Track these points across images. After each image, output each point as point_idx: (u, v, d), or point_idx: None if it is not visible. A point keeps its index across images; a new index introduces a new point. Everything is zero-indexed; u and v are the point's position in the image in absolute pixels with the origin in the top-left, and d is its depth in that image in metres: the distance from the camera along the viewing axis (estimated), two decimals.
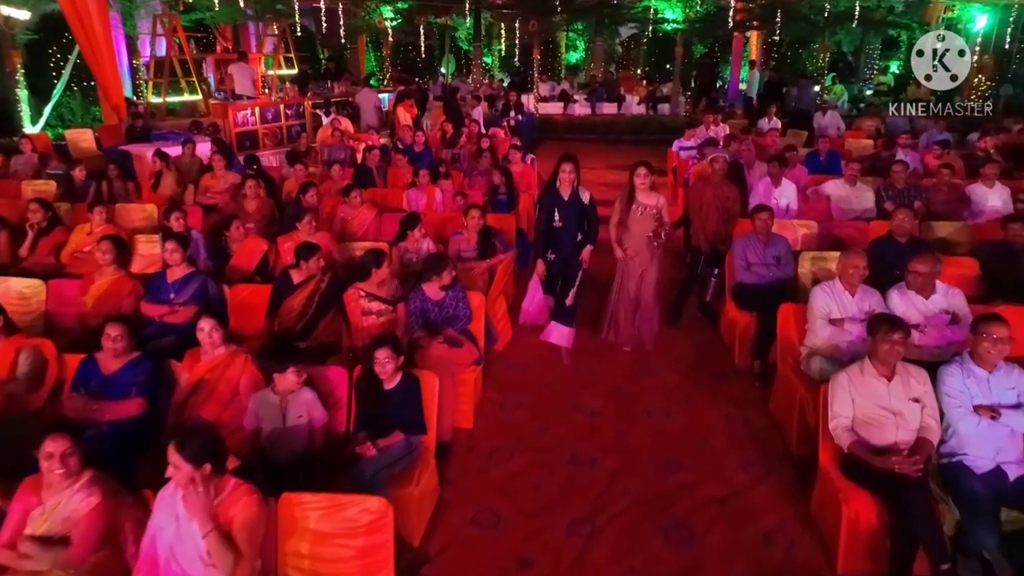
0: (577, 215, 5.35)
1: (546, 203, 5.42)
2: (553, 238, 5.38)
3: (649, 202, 5.31)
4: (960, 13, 16.73)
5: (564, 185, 5.32)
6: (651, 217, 5.32)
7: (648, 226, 5.33)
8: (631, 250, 5.36)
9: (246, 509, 2.46)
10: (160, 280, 4.75)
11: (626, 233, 5.39)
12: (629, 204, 5.35)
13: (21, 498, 2.60)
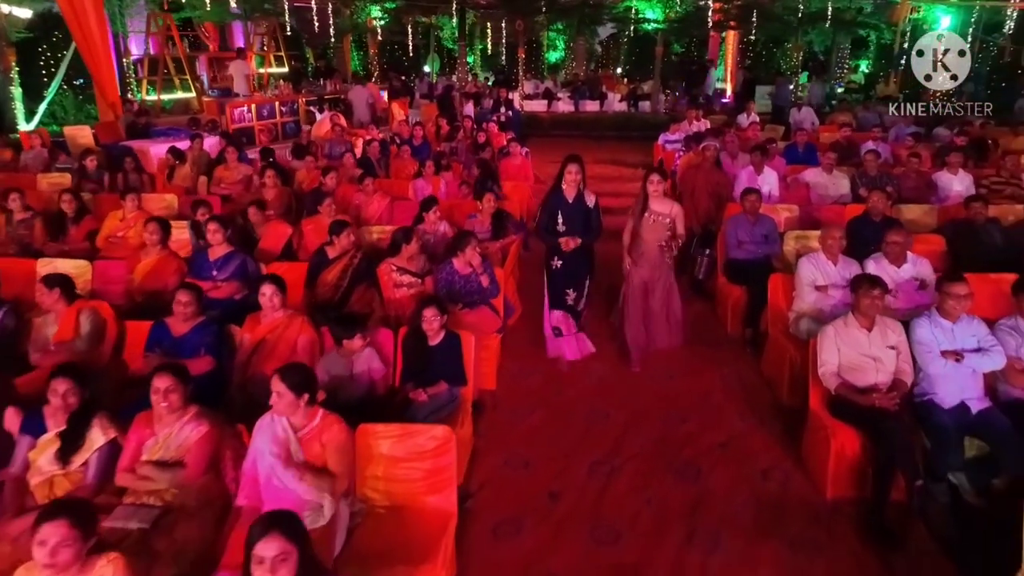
0: (582, 218, 5.15)
1: (550, 205, 5.22)
2: (559, 244, 5.14)
3: (662, 210, 5.09)
4: (925, 14, 17.50)
5: (569, 186, 5.15)
6: (664, 225, 5.09)
7: (661, 234, 5.10)
8: (643, 258, 5.14)
9: (337, 435, 2.90)
10: (203, 258, 5.14)
11: (638, 241, 5.15)
12: (642, 212, 5.10)
13: (136, 430, 3.01)
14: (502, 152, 9.53)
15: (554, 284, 5.33)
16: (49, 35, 13.99)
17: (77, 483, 2.98)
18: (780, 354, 4.92)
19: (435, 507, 3.07)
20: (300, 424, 2.93)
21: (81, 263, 5.39)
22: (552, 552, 3.45)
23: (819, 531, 3.65)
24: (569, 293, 5.30)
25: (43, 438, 3.02)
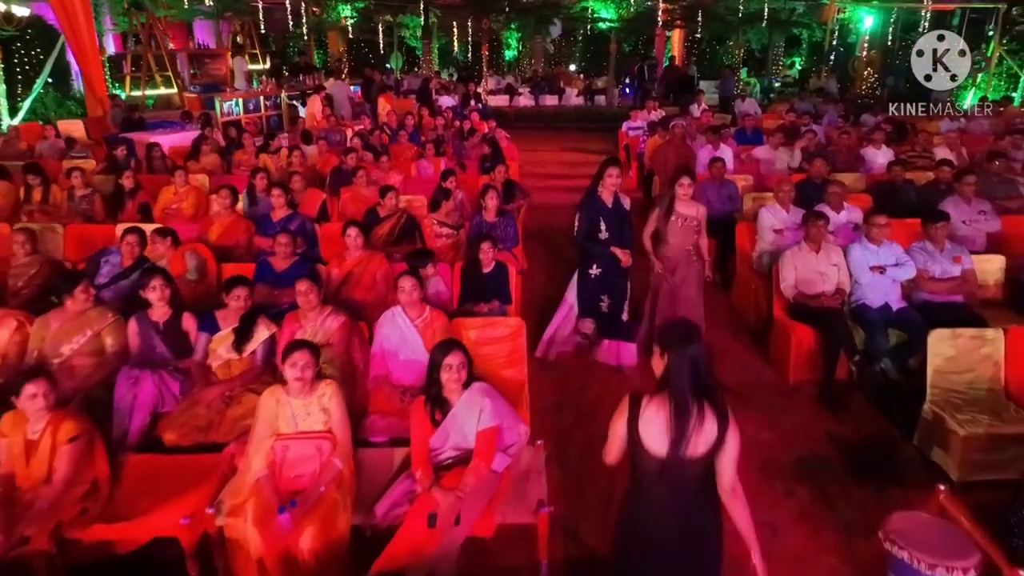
0: (620, 222, 5.07)
1: (589, 212, 5.07)
2: (598, 251, 5.07)
3: (689, 212, 5.03)
4: (851, 14, 19.27)
5: (607, 191, 5.05)
6: (691, 229, 5.04)
7: (689, 238, 5.05)
8: (670, 263, 5.08)
9: (444, 322, 3.98)
10: (267, 220, 6.07)
11: (664, 245, 5.08)
12: (668, 215, 5.03)
13: (288, 325, 3.99)
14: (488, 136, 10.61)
15: (588, 290, 5.19)
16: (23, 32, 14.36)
17: (248, 365, 3.95)
18: (747, 286, 6.15)
19: (512, 377, 4.14)
20: (415, 316, 3.97)
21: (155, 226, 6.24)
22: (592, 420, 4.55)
23: (786, 402, 4.89)
24: (603, 300, 5.19)
25: (220, 334, 3.98)
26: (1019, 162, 7.76)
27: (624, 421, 2.32)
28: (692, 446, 2.22)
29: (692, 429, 2.21)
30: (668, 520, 2.32)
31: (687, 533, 2.32)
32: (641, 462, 2.30)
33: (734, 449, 2.30)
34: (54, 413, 3.06)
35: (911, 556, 2.86)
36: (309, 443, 3.12)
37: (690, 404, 2.22)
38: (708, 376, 2.26)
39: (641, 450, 2.28)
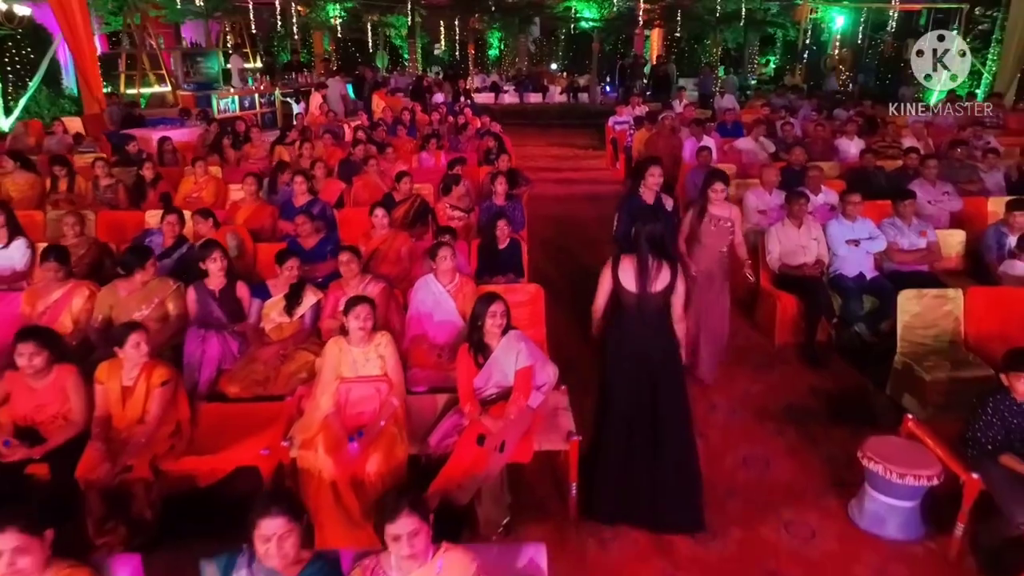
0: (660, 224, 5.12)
1: (628, 211, 4.98)
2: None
3: (723, 214, 4.99)
4: (823, 14, 20.06)
5: (649, 191, 4.99)
6: (726, 230, 4.98)
7: (723, 240, 4.99)
8: (703, 266, 4.99)
9: (473, 288, 4.44)
10: (290, 205, 6.50)
11: (698, 247, 5.02)
12: (700, 217, 5.00)
13: (332, 292, 4.45)
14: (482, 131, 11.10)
15: None
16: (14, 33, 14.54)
17: (297, 328, 4.40)
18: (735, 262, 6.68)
19: (532, 337, 4.60)
20: (447, 282, 4.45)
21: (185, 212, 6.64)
22: None
23: (773, 361, 5.45)
24: None
25: (271, 300, 4.43)
26: (979, 150, 8.39)
27: (609, 272, 3.55)
28: (652, 285, 3.44)
29: (651, 275, 3.42)
30: (640, 332, 3.50)
31: (651, 339, 3.51)
32: (622, 298, 3.51)
33: (681, 291, 3.53)
34: (147, 361, 3.49)
35: (884, 468, 3.41)
36: (368, 385, 3.58)
37: (648, 259, 3.43)
38: (662, 244, 3.50)
39: (621, 289, 3.50)
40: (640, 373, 3.46)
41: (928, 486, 3.39)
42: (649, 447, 3.44)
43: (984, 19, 16.89)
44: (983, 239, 5.71)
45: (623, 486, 3.50)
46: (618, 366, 3.52)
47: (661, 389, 3.46)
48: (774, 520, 3.68)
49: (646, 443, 3.45)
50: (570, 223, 8.98)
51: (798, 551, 3.47)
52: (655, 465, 3.44)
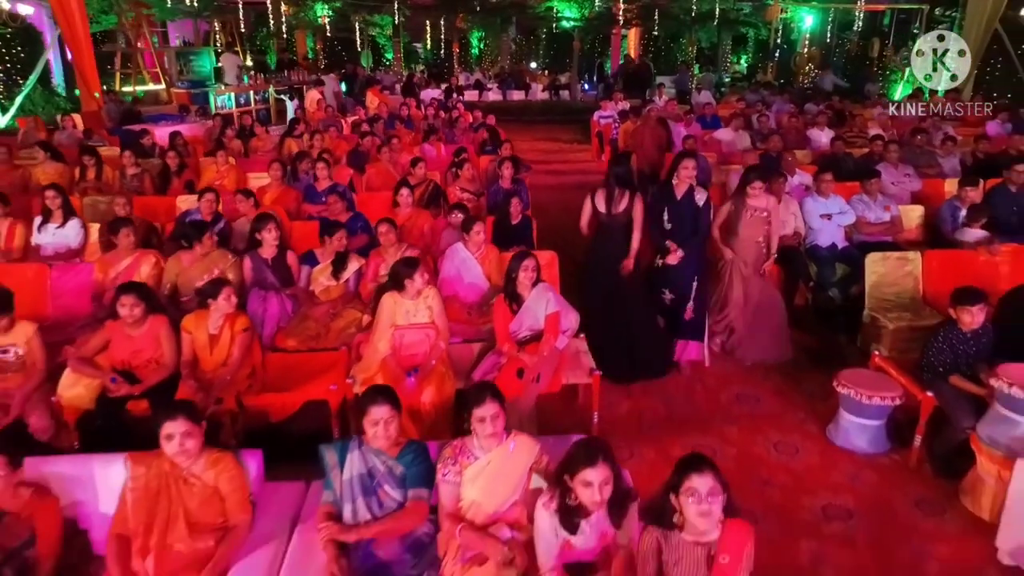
0: (691, 217, 5.04)
1: (657, 202, 5.16)
2: (662, 242, 5.11)
3: (760, 204, 5.19)
4: (792, 14, 20.93)
5: (681, 183, 5.07)
6: (762, 220, 5.18)
7: (760, 230, 5.17)
8: (740, 256, 5.23)
9: (499, 255, 5.03)
10: (312, 189, 7.04)
11: (735, 239, 5.22)
12: (739, 207, 5.22)
13: (373, 258, 5.01)
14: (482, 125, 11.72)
15: (655, 284, 5.25)
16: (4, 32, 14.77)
17: (343, 291, 4.97)
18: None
19: None
20: (475, 250, 5.04)
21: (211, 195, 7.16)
22: None
23: None
24: (665, 292, 5.21)
25: (319, 267, 4.99)
26: (938, 139, 9.17)
27: (589, 199, 5.05)
28: (616, 208, 4.93)
29: (616, 201, 4.90)
30: (610, 241, 5.00)
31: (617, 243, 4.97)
32: (598, 218, 5.02)
33: (639, 214, 4.91)
34: (230, 312, 4.04)
35: (855, 392, 4.08)
36: (419, 331, 4.16)
37: (615, 190, 4.91)
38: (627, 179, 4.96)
39: (596, 211, 5.01)
40: (609, 264, 5.00)
41: (892, 406, 4.07)
42: (623, 315, 4.93)
43: (943, 19, 17.83)
44: (939, 213, 6.43)
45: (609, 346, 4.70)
46: (596, 261, 5.12)
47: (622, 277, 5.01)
48: (764, 442, 4.34)
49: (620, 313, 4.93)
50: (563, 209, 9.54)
51: (785, 464, 4.13)
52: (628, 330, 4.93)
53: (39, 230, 5.85)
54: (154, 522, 2.63)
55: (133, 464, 2.71)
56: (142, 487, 2.67)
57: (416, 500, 2.76)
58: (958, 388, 3.87)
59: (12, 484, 2.64)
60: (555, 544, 2.48)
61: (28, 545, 2.62)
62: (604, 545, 2.55)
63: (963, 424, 3.74)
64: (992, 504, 3.55)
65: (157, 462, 2.71)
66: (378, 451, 2.82)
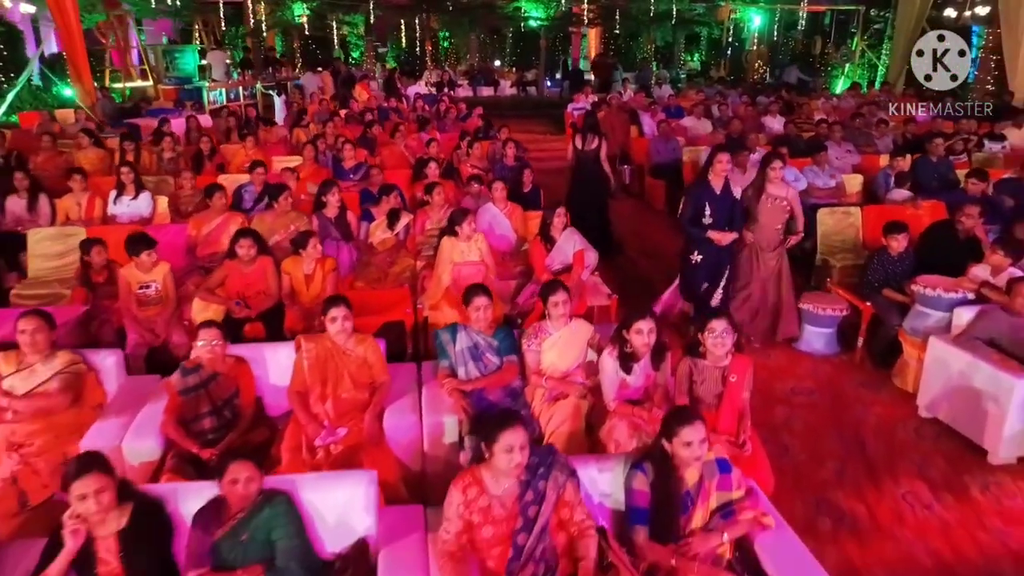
0: (729, 209, 5.25)
1: (695, 196, 5.29)
2: (702, 236, 5.26)
3: (780, 193, 5.29)
4: (742, 14, 22.47)
5: (717, 177, 5.22)
6: (782, 209, 5.30)
7: (779, 218, 5.31)
8: (759, 242, 5.38)
9: (523, 213, 6.11)
10: (340, 166, 8.01)
11: (755, 225, 5.34)
12: (759, 195, 5.32)
13: (420, 215, 6.04)
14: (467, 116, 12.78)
15: (689, 275, 5.49)
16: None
17: (395, 242, 5.97)
18: None
19: None
20: (503, 208, 6.11)
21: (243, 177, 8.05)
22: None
23: None
24: (704, 285, 5.44)
25: (375, 222, 5.99)
26: (873, 122, 10.57)
27: (571, 140, 7.66)
28: (588, 145, 7.49)
29: (587, 141, 7.45)
30: (585, 167, 7.49)
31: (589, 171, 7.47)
32: (576, 153, 7.61)
33: (603, 149, 7.45)
34: (319, 256, 5.02)
35: (813, 307, 5.30)
36: (472, 267, 5.21)
37: (586, 133, 7.52)
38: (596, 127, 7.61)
39: (575, 148, 7.62)
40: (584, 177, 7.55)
41: (840, 316, 5.30)
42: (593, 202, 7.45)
43: (878, 20, 19.55)
44: (875, 180, 7.75)
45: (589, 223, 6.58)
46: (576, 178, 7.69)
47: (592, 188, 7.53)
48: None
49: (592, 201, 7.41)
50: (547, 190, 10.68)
51: (762, 363, 5.29)
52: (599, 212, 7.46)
53: (115, 202, 6.71)
54: (327, 379, 3.64)
55: (305, 342, 3.72)
56: (313, 357, 3.68)
57: (509, 363, 3.84)
58: (889, 298, 5.10)
59: (222, 353, 3.62)
60: (616, 382, 3.57)
61: (235, 396, 3.61)
62: (647, 385, 3.65)
63: (893, 323, 4.97)
64: (914, 379, 4.78)
65: (321, 340, 3.72)
66: (479, 331, 3.89)
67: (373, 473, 2.85)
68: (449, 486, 2.59)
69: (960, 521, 3.66)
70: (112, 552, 2.43)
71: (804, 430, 4.47)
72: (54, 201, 6.69)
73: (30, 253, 5.88)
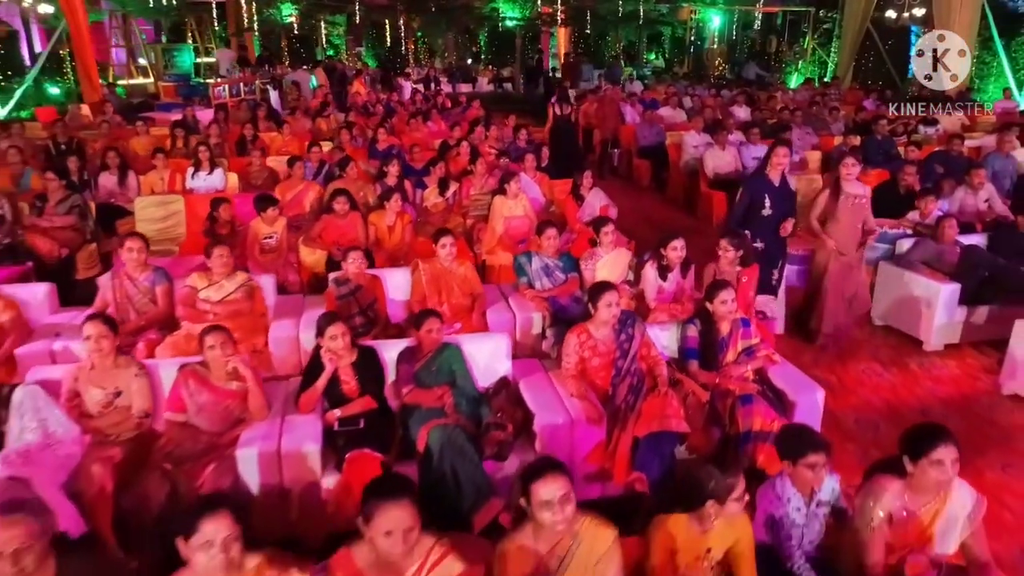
0: (786, 201, 5.37)
1: (754, 189, 5.38)
2: (759, 226, 5.33)
3: (857, 191, 5.31)
4: (702, 15, 24.10)
5: (775, 170, 5.32)
6: (862, 207, 5.31)
7: (859, 217, 5.32)
8: (839, 242, 5.35)
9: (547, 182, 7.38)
10: (375, 148, 9.15)
11: (834, 224, 5.34)
12: (836, 195, 5.32)
13: (466, 183, 7.26)
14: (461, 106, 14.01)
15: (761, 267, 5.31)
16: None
17: (444, 203, 7.17)
18: (678, 180, 9.98)
19: None
20: (533, 176, 7.36)
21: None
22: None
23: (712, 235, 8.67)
24: (774, 274, 5.53)
25: (428, 189, 7.18)
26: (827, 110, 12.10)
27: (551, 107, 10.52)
28: (563, 112, 10.60)
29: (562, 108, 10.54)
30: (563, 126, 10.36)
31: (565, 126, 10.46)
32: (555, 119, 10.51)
33: (575, 114, 11.00)
34: (398, 211, 6.20)
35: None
36: (519, 219, 6.45)
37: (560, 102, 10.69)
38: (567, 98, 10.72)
39: (554, 114, 10.54)
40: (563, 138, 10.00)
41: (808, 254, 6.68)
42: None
43: (827, 20, 21.29)
44: (831, 155, 9.22)
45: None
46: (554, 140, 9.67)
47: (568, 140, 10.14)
48: None
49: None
50: None
51: None
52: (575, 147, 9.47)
53: (192, 177, 7.76)
54: (441, 290, 4.85)
55: (422, 263, 4.92)
56: (429, 275, 4.88)
57: (572, 278, 5.11)
58: None
59: (364, 270, 4.82)
60: (655, 286, 4.85)
61: (375, 302, 4.79)
62: (677, 289, 4.94)
63: None
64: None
65: (433, 263, 4.93)
66: (547, 256, 5.14)
67: (506, 335, 4.10)
68: (565, 336, 3.85)
69: (903, 383, 5.06)
70: (349, 374, 3.63)
71: None
72: (139, 177, 7.72)
73: (138, 218, 6.92)
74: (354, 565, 2.19)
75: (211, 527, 2.05)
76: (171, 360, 3.77)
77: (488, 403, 3.72)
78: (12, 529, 2.05)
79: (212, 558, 2.03)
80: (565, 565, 2.30)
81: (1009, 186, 7.82)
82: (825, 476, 2.68)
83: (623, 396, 3.67)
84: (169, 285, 4.70)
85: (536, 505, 2.27)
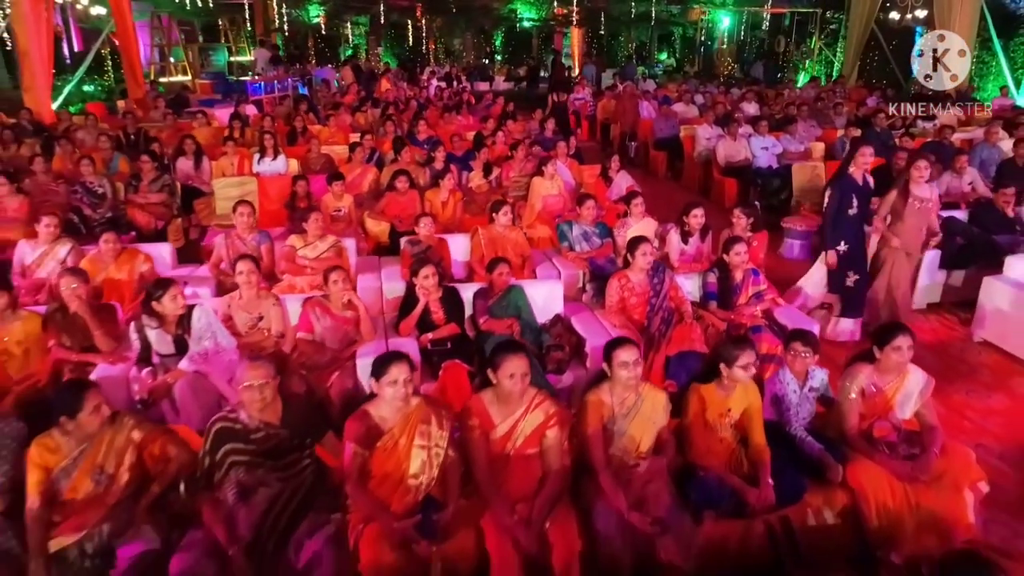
0: (868, 201, 5.46)
1: (842, 189, 5.38)
2: (845, 227, 5.36)
3: (924, 195, 5.30)
4: (712, 15, 24.93)
5: (859, 169, 5.36)
6: (928, 211, 5.32)
7: (925, 220, 5.34)
8: (904, 242, 5.38)
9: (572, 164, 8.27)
10: (415, 137, 10.04)
11: (900, 224, 5.35)
12: (904, 197, 5.32)
13: (506, 167, 8.15)
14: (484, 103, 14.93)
15: (839, 267, 5.48)
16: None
17: (487, 185, 8.04)
18: (692, 169, 10.85)
19: None
20: (564, 161, 8.24)
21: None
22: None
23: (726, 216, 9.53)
24: (850, 275, 5.52)
25: (473, 173, 8.06)
26: (831, 105, 12.95)
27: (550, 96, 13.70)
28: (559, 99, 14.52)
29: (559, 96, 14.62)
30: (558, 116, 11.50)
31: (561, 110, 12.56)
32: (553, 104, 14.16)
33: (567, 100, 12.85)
34: (452, 188, 7.09)
35: (793, 225, 7.53)
36: (554, 197, 7.33)
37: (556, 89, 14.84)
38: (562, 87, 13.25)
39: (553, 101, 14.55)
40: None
41: (811, 231, 7.54)
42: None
43: (833, 21, 22.09)
44: (834, 145, 10.07)
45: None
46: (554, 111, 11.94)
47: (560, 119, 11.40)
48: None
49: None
50: None
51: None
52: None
53: (258, 163, 8.67)
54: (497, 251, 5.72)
55: (481, 229, 5.81)
56: (487, 238, 5.77)
57: (607, 243, 6.00)
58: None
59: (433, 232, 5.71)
60: (678, 249, 5.72)
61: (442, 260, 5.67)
62: (696, 253, 5.81)
63: None
64: None
65: (490, 229, 5.81)
66: (586, 224, 6.03)
67: (559, 281, 5.01)
68: (608, 280, 4.74)
69: None
70: (438, 307, 4.54)
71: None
72: (211, 162, 8.65)
73: (217, 196, 7.84)
74: (482, 404, 3.10)
75: (396, 369, 2.93)
76: (297, 295, 4.68)
77: (548, 332, 4.61)
78: (259, 369, 2.96)
79: (396, 391, 2.92)
80: (631, 416, 3.20)
81: (994, 172, 8.68)
82: (811, 364, 3.58)
83: (656, 326, 4.57)
84: (271, 244, 5.61)
85: (616, 365, 3.14)
